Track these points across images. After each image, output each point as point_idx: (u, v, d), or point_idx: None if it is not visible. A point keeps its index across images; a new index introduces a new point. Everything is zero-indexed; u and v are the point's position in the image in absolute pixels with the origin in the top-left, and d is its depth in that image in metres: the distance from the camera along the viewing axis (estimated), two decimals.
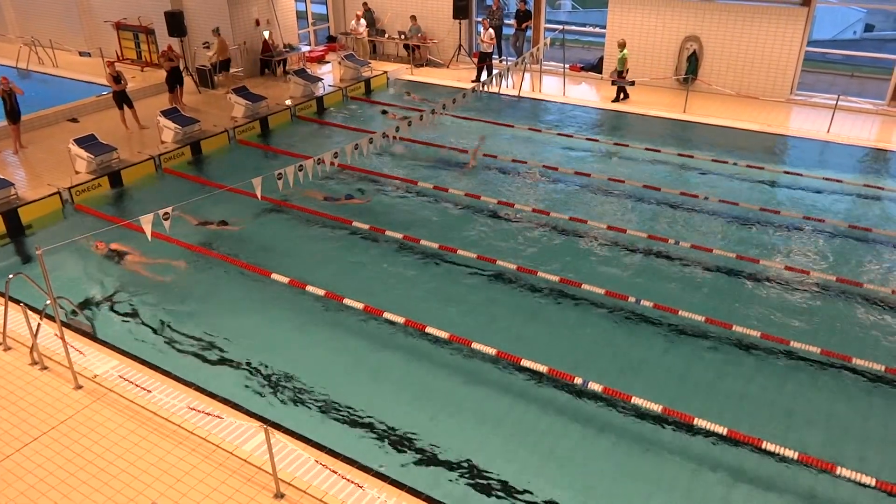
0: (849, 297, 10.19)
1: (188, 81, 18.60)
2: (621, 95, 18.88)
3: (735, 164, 14.85)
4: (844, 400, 8.22)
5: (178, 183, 14.01)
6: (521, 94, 19.65)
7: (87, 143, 13.97)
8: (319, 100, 18.75)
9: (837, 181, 14.01)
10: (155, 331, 9.37)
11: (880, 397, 8.24)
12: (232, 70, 20.07)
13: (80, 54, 22.16)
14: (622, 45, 18.58)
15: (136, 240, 10.58)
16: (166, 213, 8.95)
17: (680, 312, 9.46)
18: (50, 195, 12.77)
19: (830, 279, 10.50)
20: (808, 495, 6.89)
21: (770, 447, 7.14)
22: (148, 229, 8.86)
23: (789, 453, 7.06)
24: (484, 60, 20.52)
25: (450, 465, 7.22)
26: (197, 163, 15.23)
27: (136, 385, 8.03)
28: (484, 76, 20.01)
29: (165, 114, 15.53)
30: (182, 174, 14.49)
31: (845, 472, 6.82)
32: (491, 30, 20.47)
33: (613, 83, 19.14)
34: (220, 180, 13.47)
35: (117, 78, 15.70)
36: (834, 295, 10.26)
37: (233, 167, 14.85)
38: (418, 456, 7.34)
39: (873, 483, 6.74)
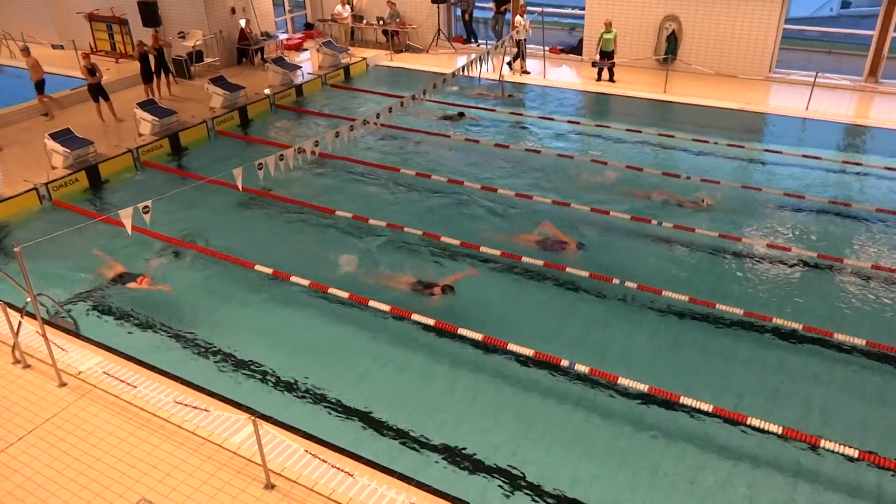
0: (830, 273, 10.31)
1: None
2: (606, 76, 18.83)
3: (716, 143, 14.92)
4: (827, 375, 8.33)
5: (158, 175, 13.86)
6: (501, 78, 19.56)
7: (63, 137, 13.75)
8: (299, 88, 18.57)
9: (816, 158, 14.13)
10: (139, 325, 9.30)
11: (860, 372, 8.36)
12: (207, 60, 19.81)
13: (53, 47, 21.76)
14: (608, 26, 18.51)
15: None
16: (146, 207, 8.83)
17: (663, 293, 9.53)
18: (26, 191, 12.58)
19: (811, 255, 10.61)
20: (795, 470, 7.01)
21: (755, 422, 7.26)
22: (128, 223, 8.73)
23: (773, 427, 7.18)
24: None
25: (439, 451, 7.25)
26: (176, 155, 15.05)
27: (121, 381, 7.97)
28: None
29: (142, 106, 15.32)
30: (161, 167, 14.32)
31: (828, 445, 6.96)
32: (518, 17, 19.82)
33: (594, 65, 19.11)
34: (201, 172, 13.39)
35: (92, 70, 15.44)
36: (815, 270, 10.37)
37: (213, 158, 14.71)
38: (408, 442, 7.37)
39: (856, 455, 6.87)
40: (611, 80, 18.86)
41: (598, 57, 18.80)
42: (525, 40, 19.75)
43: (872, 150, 14.85)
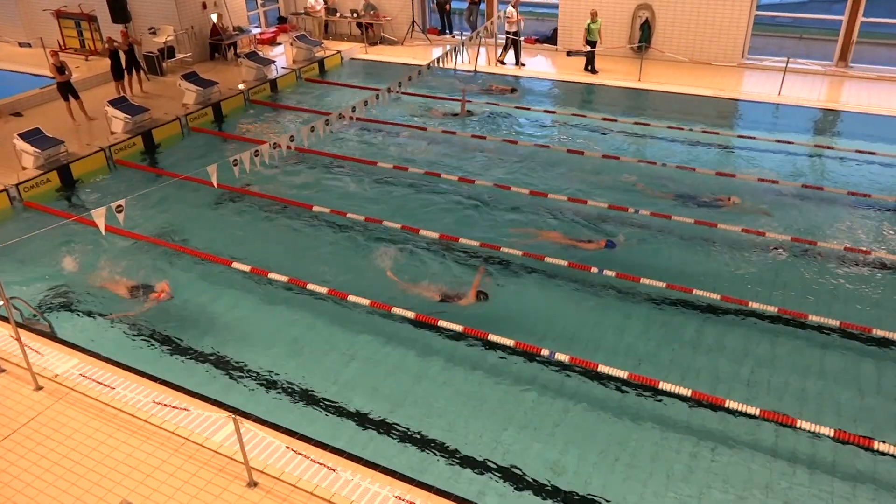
0: (803, 256, 10.46)
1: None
2: (589, 67, 18.89)
3: (691, 129, 15.06)
4: (801, 356, 8.46)
5: (132, 174, 13.67)
6: (476, 69, 19.56)
7: (33, 137, 13.51)
8: (273, 82, 18.41)
9: (789, 142, 14.30)
10: (114, 326, 9.18)
11: (835, 353, 8.50)
12: (179, 56, 19.55)
13: (20, 45, 21.35)
14: (594, 16, 18.49)
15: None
16: (119, 206, 8.73)
17: (641, 280, 9.61)
18: None
19: (785, 238, 10.75)
20: (771, 450, 7.12)
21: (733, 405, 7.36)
22: (101, 223, 8.63)
23: (750, 409, 7.29)
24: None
25: (424, 444, 7.27)
26: (150, 153, 14.86)
27: (99, 382, 7.88)
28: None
29: (114, 104, 15.09)
30: (135, 165, 14.14)
31: (805, 426, 7.09)
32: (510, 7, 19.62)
33: (569, 54, 19.14)
34: (175, 169, 13.25)
35: (61, 68, 15.16)
36: (789, 254, 10.51)
37: (187, 155, 14.55)
38: (390, 435, 7.38)
39: (832, 434, 7.00)
40: (592, 70, 18.88)
41: (585, 47, 18.81)
42: (518, 32, 19.61)
43: (844, 133, 15.07)
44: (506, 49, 19.86)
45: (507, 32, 19.48)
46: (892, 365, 8.25)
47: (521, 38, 19.68)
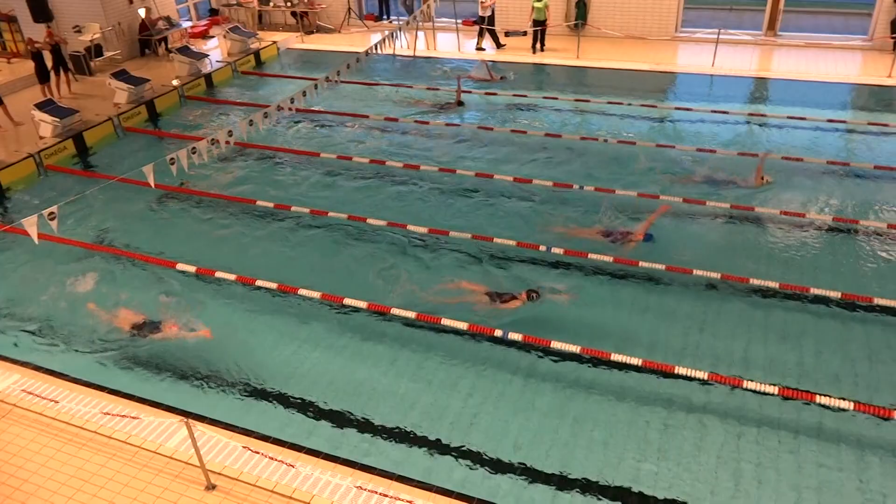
0: (744, 223, 10.76)
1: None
2: (538, 45, 18.95)
3: (630, 104, 15.29)
4: (742, 321, 8.75)
5: (64, 179, 13.18)
6: (415, 54, 19.44)
7: None
8: (208, 77, 17.95)
9: (724, 112, 14.66)
10: (56, 339, 8.84)
11: (775, 313, 8.81)
12: (108, 54, 18.87)
13: None
14: None
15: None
16: (52, 213, 8.42)
17: (589, 255, 9.75)
18: None
19: (724, 206, 11.04)
20: (722, 412, 7.35)
21: (681, 370, 7.56)
22: (33, 232, 8.33)
23: (699, 374, 7.52)
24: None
25: (386, 434, 7.26)
26: (82, 156, 14.34)
27: (43, 397, 7.62)
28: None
29: (41, 107, 14.49)
30: (67, 169, 13.62)
31: (751, 385, 7.37)
32: None
33: (507, 34, 19.17)
34: (110, 171, 12.86)
35: None
36: (729, 222, 10.81)
37: (122, 156, 14.09)
38: (348, 428, 7.33)
39: (776, 391, 7.27)
40: (542, 49, 18.95)
41: (531, 26, 18.83)
42: (493, 18, 19.40)
43: (776, 100, 15.52)
44: (481, 35, 19.74)
45: (481, 17, 19.39)
46: (780, 311, 8.66)
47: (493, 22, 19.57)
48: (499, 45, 19.61)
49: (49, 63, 16.28)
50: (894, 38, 17.26)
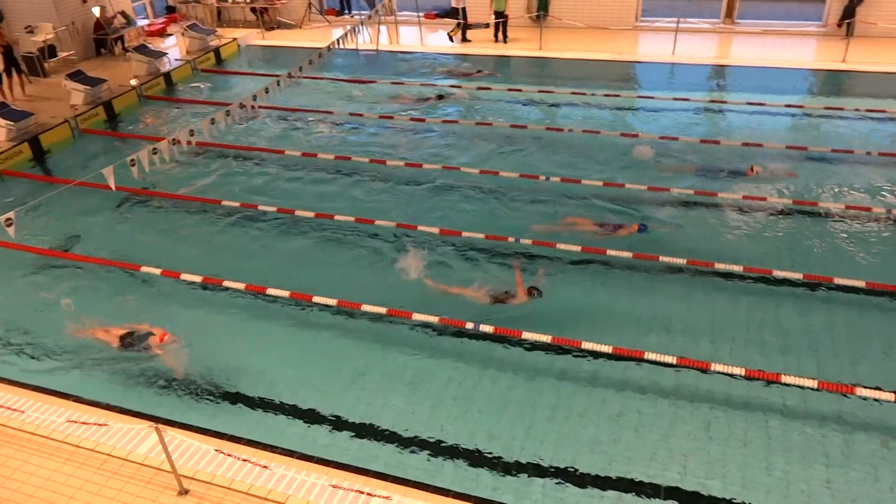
0: (707, 208, 10.94)
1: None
2: (498, 35, 18.91)
3: (593, 94, 15.41)
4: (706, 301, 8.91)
5: (20, 184, 12.82)
6: (378, 48, 19.33)
7: None
8: (167, 76, 17.62)
9: (685, 99, 14.87)
10: (16, 348, 8.61)
11: (743, 297, 8.99)
12: (62, 54, 18.40)
13: None
14: None
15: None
16: (8, 219, 8.20)
17: (558, 245, 9.82)
18: None
19: (689, 192, 11.20)
20: (692, 395, 7.48)
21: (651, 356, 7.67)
22: None
23: (669, 359, 7.63)
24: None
25: (360, 431, 7.23)
26: (39, 160, 13.97)
27: (6, 408, 7.42)
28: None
29: None
30: (23, 174, 13.25)
31: (719, 368, 7.50)
32: None
33: (469, 27, 19.16)
34: (68, 175, 12.53)
35: None
36: (694, 206, 10.97)
37: (80, 159, 13.77)
38: (321, 426, 7.29)
39: (743, 373, 7.41)
40: (504, 40, 18.98)
41: (492, 18, 18.85)
42: (465, 10, 19.34)
43: (735, 87, 15.79)
44: (460, 27, 19.67)
45: (455, 9, 19.31)
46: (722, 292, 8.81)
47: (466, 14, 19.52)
48: (464, 39, 19.60)
49: (0, 65, 15.82)
50: (847, 24, 17.68)
